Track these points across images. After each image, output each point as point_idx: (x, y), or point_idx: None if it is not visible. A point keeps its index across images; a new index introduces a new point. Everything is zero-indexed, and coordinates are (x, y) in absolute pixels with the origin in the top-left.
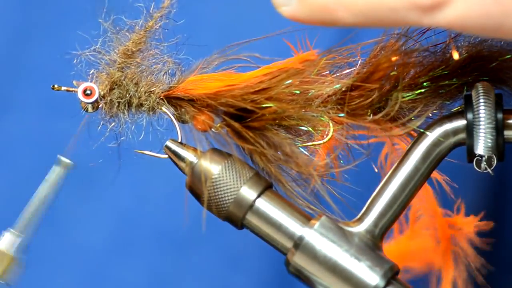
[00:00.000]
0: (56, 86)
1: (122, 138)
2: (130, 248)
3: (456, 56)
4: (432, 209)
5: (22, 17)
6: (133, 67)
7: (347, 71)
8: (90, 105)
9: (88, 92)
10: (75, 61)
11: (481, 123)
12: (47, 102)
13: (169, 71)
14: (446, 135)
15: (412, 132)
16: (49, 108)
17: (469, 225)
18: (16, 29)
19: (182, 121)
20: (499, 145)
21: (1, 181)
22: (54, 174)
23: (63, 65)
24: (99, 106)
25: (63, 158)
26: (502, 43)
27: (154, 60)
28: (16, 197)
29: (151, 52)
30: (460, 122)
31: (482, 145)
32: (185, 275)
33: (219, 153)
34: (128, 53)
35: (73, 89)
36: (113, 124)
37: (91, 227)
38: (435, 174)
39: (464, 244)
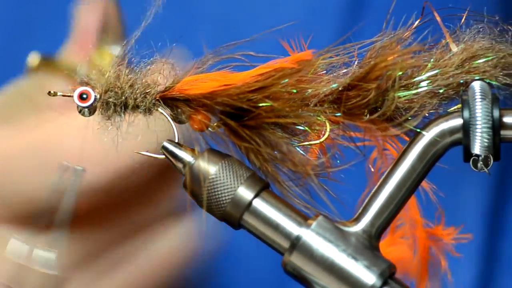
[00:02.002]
0: (52, 92)
1: (120, 141)
2: None
3: (454, 48)
4: (414, 218)
5: (20, 15)
6: (124, 67)
7: (344, 70)
8: (86, 109)
9: (84, 96)
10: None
11: (478, 122)
12: None
13: (164, 72)
14: (443, 134)
15: (404, 136)
16: None
17: (448, 236)
18: (13, 27)
19: (178, 121)
20: (496, 145)
21: None
22: (70, 184)
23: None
24: (96, 109)
25: (76, 167)
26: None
27: (148, 61)
28: None
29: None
30: (457, 122)
31: (478, 145)
32: None
33: (216, 153)
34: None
35: (69, 93)
36: (110, 127)
37: None
38: (422, 183)
39: (441, 256)
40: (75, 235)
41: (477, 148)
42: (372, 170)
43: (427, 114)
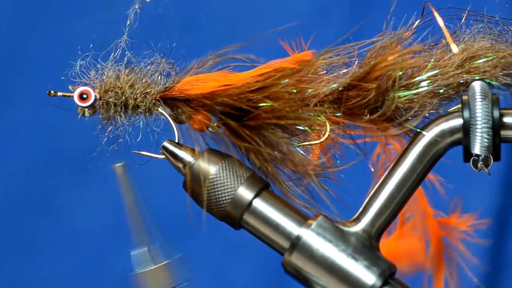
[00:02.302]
0: (52, 92)
1: (120, 140)
2: (127, 234)
3: (455, 49)
4: (423, 209)
5: (23, 9)
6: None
7: (344, 70)
8: (86, 110)
9: (84, 96)
10: (73, 69)
11: (478, 122)
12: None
13: (164, 72)
14: (443, 134)
15: (407, 133)
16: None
17: (464, 224)
18: (17, 20)
19: (179, 121)
20: (496, 145)
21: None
22: (121, 182)
23: (63, 57)
24: (96, 110)
25: (115, 165)
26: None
27: (148, 61)
28: (16, 188)
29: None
30: (457, 122)
31: (478, 145)
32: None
33: (217, 153)
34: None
35: (69, 94)
36: (111, 128)
37: (89, 214)
38: (429, 174)
39: (458, 244)
40: None
41: (477, 148)
42: (373, 170)
43: (427, 114)
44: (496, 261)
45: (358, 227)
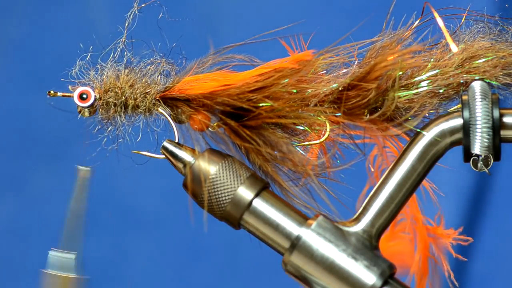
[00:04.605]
0: (52, 92)
1: (120, 140)
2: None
3: (455, 49)
4: (414, 214)
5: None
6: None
7: (344, 70)
8: (86, 110)
9: (84, 96)
10: (73, 69)
11: (478, 122)
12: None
13: (164, 72)
14: (443, 134)
15: (404, 136)
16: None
17: (447, 237)
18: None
19: (178, 121)
20: (496, 145)
21: None
22: (78, 185)
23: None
24: (96, 110)
25: (81, 167)
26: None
27: (148, 61)
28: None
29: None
30: (457, 122)
31: (478, 145)
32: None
33: (217, 153)
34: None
35: (69, 94)
36: (110, 128)
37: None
38: (423, 181)
39: (441, 254)
40: None
41: (477, 148)
42: (372, 169)
43: (427, 114)
44: (489, 262)
45: (358, 227)
